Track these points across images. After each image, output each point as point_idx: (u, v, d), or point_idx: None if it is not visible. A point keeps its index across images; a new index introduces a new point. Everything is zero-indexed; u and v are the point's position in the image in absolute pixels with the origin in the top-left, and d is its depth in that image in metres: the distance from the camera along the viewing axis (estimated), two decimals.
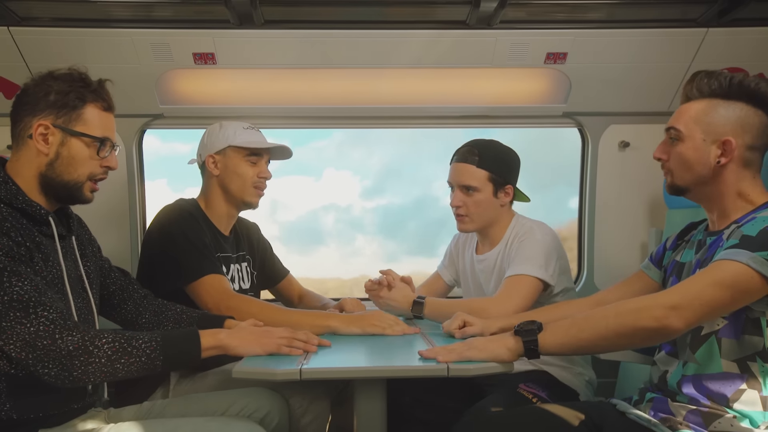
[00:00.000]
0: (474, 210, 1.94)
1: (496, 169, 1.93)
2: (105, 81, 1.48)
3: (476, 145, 1.96)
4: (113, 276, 1.67)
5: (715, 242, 1.39)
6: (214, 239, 1.95)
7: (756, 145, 1.39)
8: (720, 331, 1.33)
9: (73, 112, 1.41)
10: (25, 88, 1.43)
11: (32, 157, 1.41)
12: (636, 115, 2.48)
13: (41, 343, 1.24)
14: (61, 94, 1.41)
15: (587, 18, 2.20)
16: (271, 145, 2.01)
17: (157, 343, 1.33)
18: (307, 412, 1.73)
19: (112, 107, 1.49)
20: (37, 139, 1.39)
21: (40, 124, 1.40)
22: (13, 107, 1.44)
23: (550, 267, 1.84)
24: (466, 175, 1.93)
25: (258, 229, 2.26)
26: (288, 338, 1.49)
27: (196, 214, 1.93)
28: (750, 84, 1.37)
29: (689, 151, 1.40)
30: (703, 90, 1.41)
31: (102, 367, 1.27)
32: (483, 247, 2.05)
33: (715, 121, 1.38)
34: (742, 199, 1.40)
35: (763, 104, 1.38)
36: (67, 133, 1.41)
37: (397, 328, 1.71)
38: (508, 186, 1.96)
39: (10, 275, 1.25)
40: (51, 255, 1.39)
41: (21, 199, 1.36)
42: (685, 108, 1.43)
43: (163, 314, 1.67)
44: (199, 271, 1.80)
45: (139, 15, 2.13)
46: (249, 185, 1.99)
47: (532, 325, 1.38)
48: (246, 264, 2.10)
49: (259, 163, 2.01)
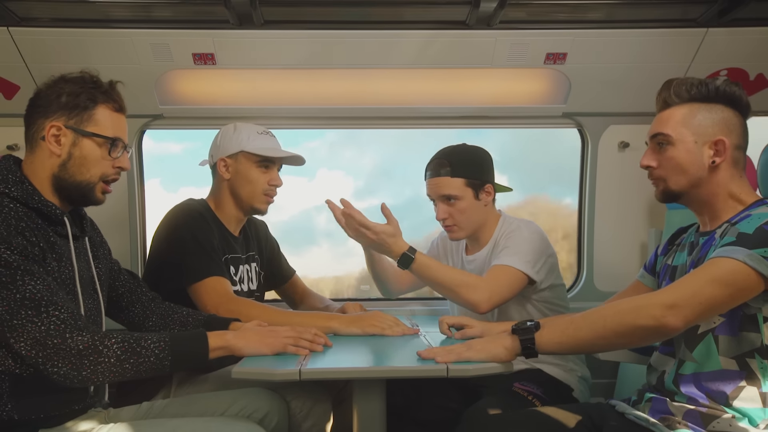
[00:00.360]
0: (460, 218, 1.94)
1: (469, 173, 1.93)
2: (116, 83, 1.50)
3: (444, 156, 1.96)
4: (123, 278, 1.68)
5: (708, 241, 1.39)
6: (224, 240, 1.95)
7: (741, 144, 1.42)
8: (717, 328, 1.34)
9: (85, 113, 1.43)
10: (38, 91, 1.45)
11: (45, 159, 1.42)
12: (636, 116, 2.48)
13: (51, 341, 1.25)
14: (73, 95, 1.42)
15: (587, 18, 2.20)
16: (285, 154, 2.00)
17: (165, 343, 1.34)
18: (308, 417, 1.73)
19: (124, 108, 1.50)
20: (49, 141, 1.41)
21: (52, 126, 1.41)
22: (26, 111, 1.45)
23: (538, 264, 1.84)
24: (442, 187, 1.93)
25: (266, 228, 2.26)
26: (294, 338, 1.49)
27: (205, 215, 1.93)
28: (726, 88, 1.40)
29: (682, 154, 1.41)
30: (682, 95, 1.43)
31: (111, 367, 1.29)
32: (472, 248, 2.06)
33: (704, 123, 1.40)
34: (733, 199, 1.41)
35: (739, 106, 1.42)
36: (79, 133, 1.42)
37: (397, 328, 1.72)
38: (487, 185, 1.96)
39: (23, 274, 1.26)
40: (64, 255, 1.40)
41: (37, 198, 1.38)
42: (667, 114, 1.44)
43: (169, 317, 1.68)
44: (202, 273, 1.80)
45: (138, 15, 2.13)
46: (259, 192, 1.98)
47: (529, 324, 1.38)
48: (255, 264, 2.10)
49: (271, 169, 2.00)
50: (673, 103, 1.44)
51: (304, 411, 1.73)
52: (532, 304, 1.93)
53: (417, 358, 1.41)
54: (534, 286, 1.87)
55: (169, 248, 1.85)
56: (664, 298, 1.27)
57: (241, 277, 2.00)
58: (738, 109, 1.42)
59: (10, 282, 1.25)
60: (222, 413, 1.59)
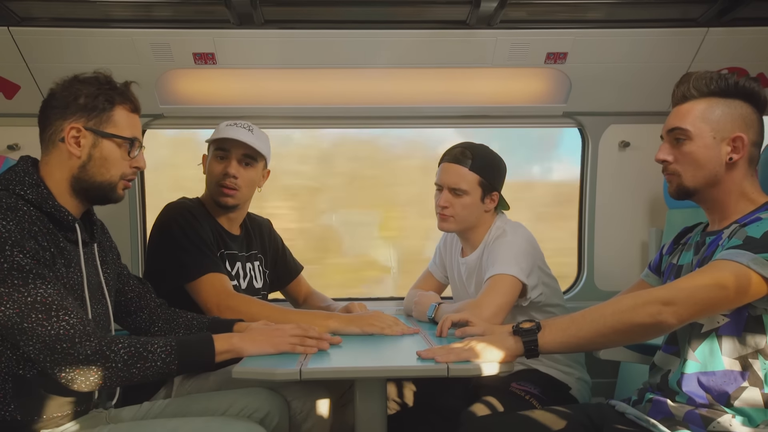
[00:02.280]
0: (460, 212, 1.94)
1: (487, 174, 1.94)
2: (131, 83, 1.50)
3: (469, 148, 1.96)
4: (131, 283, 1.68)
5: (715, 241, 1.39)
6: (218, 237, 1.94)
7: (758, 141, 1.41)
8: (721, 328, 1.33)
9: (104, 114, 1.43)
10: (53, 92, 1.45)
11: (64, 160, 1.42)
12: (636, 115, 2.48)
13: (60, 346, 1.25)
14: (91, 97, 1.42)
15: (587, 18, 2.20)
16: (228, 136, 1.88)
17: (171, 347, 1.35)
18: (308, 417, 1.73)
19: (139, 108, 1.51)
20: (69, 142, 1.41)
21: (72, 127, 1.41)
22: (41, 112, 1.45)
23: (522, 264, 1.84)
24: (457, 177, 1.93)
25: (270, 226, 2.23)
26: (300, 337, 1.49)
27: (197, 211, 1.92)
28: (745, 83, 1.39)
29: (700, 149, 1.39)
30: (701, 89, 1.41)
31: (118, 372, 1.30)
32: (466, 250, 2.07)
33: (723, 119, 1.38)
34: (744, 198, 1.40)
35: (756, 102, 1.40)
36: (99, 135, 1.43)
37: (396, 328, 1.71)
38: (495, 193, 1.97)
39: (35, 278, 1.27)
40: (73, 261, 1.41)
41: (51, 203, 1.38)
42: (686, 108, 1.42)
43: (174, 321, 1.69)
44: (199, 270, 1.79)
45: (139, 15, 2.13)
46: (213, 183, 1.93)
47: (531, 325, 1.38)
48: (258, 263, 2.09)
49: (227, 159, 1.91)
50: (691, 97, 1.42)
51: (305, 411, 1.73)
52: (529, 307, 1.92)
53: (417, 357, 1.41)
54: (525, 288, 1.87)
55: (163, 248, 1.85)
56: (661, 295, 1.27)
57: (237, 273, 1.98)
58: (756, 105, 1.40)
59: (22, 285, 1.26)
60: (223, 413, 1.59)
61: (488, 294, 1.79)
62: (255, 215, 2.19)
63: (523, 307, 1.90)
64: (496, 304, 1.75)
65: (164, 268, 1.82)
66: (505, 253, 1.85)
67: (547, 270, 1.99)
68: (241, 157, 1.93)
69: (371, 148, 3.17)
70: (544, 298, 1.93)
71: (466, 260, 2.04)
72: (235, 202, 1.94)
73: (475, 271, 1.99)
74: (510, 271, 1.81)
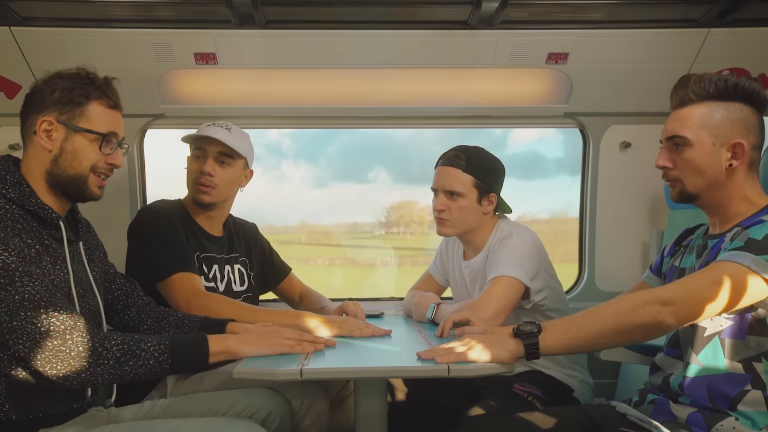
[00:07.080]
0: (456, 215, 1.93)
1: (481, 175, 1.93)
2: (112, 79, 1.49)
3: (463, 150, 1.95)
4: (118, 282, 1.68)
5: (717, 244, 1.38)
6: (195, 239, 1.94)
7: (758, 144, 1.40)
8: (724, 331, 1.33)
9: (77, 109, 1.42)
10: (34, 87, 1.44)
11: (38, 154, 1.42)
12: (637, 116, 2.48)
13: (51, 343, 1.25)
14: (66, 90, 1.41)
15: (589, 18, 2.19)
16: (204, 134, 1.91)
17: (165, 347, 1.34)
18: (307, 415, 1.73)
19: (118, 105, 1.49)
20: (40, 136, 1.40)
21: (44, 120, 1.40)
22: (22, 107, 1.45)
23: (527, 267, 1.82)
24: (451, 179, 1.92)
25: (255, 230, 2.24)
26: (296, 339, 1.49)
27: (173, 213, 1.92)
28: (745, 84, 1.37)
29: (700, 156, 1.38)
30: (700, 93, 1.39)
31: (110, 369, 1.29)
32: (469, 253, 2.06)
33: (722, 124, 1.37)
34: (746, 202, 1.39)
35: (756, 104, 1.39)
36: (71, 128, 1.41)
37: (367, 330, 1.71)
38: (492, 194, 1.95)
39: (21, 275, 1.26)
40: (59, 258, 1.40)
41: (34, 201, 1.37)
42: (685, 113, 1.40)
43: (164, 320, 1.68)
44: (168, 270, 1.80)
45: (140, 15, 2.13)
46: (191, 182, 1.95)
47: (532, 327, 1.37)
48: (240, 266, 2.08)
49: (203, 156, 1.93)
50: (690, 101, 1.40)
51: (303, 409, 1.73)
52: (532, 310, 1.92)
53: (417, 358, 1.41)
54: (527, 292, 1.86)
55: (134, 250, 1.86)
56: (660, 296, 1.27)
57: (215, 275, 1.97)
58: (756, 106, 1.39)
59: (9, 284, 1.25)
60: (224, 413, 1.59)
61: (488, 295, 1.79)
62: (240, 219, 2.19)
63: (526, 309, 1.89)
64: (495, 306, 1.75)
65: (137, 268, 1.83)
66: (509, 255, 1.84)
67: (553, 274, 1.98)
68: (217, 155, 1.94)
69: None
70: (549, 302, 1.92)
71: (470, 263, 2.03)
72: (211, 199, 1.95)
73: (479, 274, 1.98)
74: (513, 273, 1.80)
